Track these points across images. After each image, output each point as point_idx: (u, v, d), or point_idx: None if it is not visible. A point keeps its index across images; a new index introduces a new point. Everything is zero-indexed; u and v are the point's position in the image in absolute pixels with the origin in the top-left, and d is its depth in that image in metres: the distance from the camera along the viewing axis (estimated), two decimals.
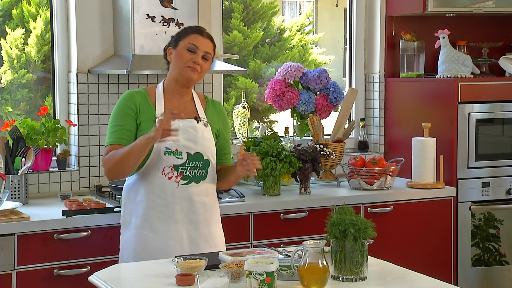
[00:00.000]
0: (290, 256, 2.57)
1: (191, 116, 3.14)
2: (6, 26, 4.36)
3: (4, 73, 4.31)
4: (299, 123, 4.62)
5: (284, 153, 3.99)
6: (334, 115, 4.67)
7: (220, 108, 3.29)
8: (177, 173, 3.08)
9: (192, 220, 3.11)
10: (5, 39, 4.33)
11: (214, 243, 3.16)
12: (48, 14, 4.28)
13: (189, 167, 3.09)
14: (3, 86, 4.31)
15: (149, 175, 3.08)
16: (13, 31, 4.36)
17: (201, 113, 3.18)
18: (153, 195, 3.08)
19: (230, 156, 3.32)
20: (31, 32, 4.33)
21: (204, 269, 2.60)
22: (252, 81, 5.66)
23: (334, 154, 4.39)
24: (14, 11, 4.40)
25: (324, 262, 2.46)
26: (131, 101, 3.10)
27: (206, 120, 3.17)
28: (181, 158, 3.08)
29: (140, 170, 3.11)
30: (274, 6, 6.16)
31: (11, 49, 4.35)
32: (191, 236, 3.11)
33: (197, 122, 3.13)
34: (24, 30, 4.35)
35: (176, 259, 2.61)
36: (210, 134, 3.16)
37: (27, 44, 4.35)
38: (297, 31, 6.32)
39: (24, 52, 4.35)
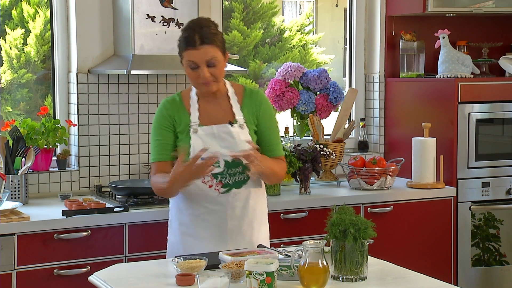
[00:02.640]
0: (290, 256, 2.57)
1: (225, 120, 3.05)
2: (5, 26, 4.36)
3: (4, 73, 4.31)
4: (299, 123, 4.62)
5: (284, 153, 3.98)
6: (334, 115, 4.67)
7: (257, 97, 3.11)
8: (217, 181, 3.00)
9: (235, 226, 3.05)
10: (5, 39, 4.33)
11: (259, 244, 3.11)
12: (48, 14, 4.28)
13: (228, 175, 3.01)
14: (2, 86, 4.31)
15: (191, 184, 2.98)
16: (13, 31, 4.36)
17: (237, 112, 3.06)
18: (194, 203, 3.02)
19: (279, 147, 3.18)
20: (31, 32, 4.33)
21: (204, 269, 2.60)
22: (252, 81, 5.67)
23: (334, 154, 4.39)
24: (14, 11, 4.41)
25: (324, 262, 2.46)
26: (165, 113, 3.05)
27: (243, 120, 3.05)
28: (219, 167, 2.99)
29: None
30: (274, 6, 6.17)
31: (10, 49, 4.35)
32: (236, 241, 3.04)
33: (232, 126, 3.03)
34: (23, 30, 4.35)
35: (176, 259, 2.61)
36: (248, 135, 3.04)
37: (27, 44, 4.34)
38: (297, 31, 6.33)
39: (24, 52, 4.35)
